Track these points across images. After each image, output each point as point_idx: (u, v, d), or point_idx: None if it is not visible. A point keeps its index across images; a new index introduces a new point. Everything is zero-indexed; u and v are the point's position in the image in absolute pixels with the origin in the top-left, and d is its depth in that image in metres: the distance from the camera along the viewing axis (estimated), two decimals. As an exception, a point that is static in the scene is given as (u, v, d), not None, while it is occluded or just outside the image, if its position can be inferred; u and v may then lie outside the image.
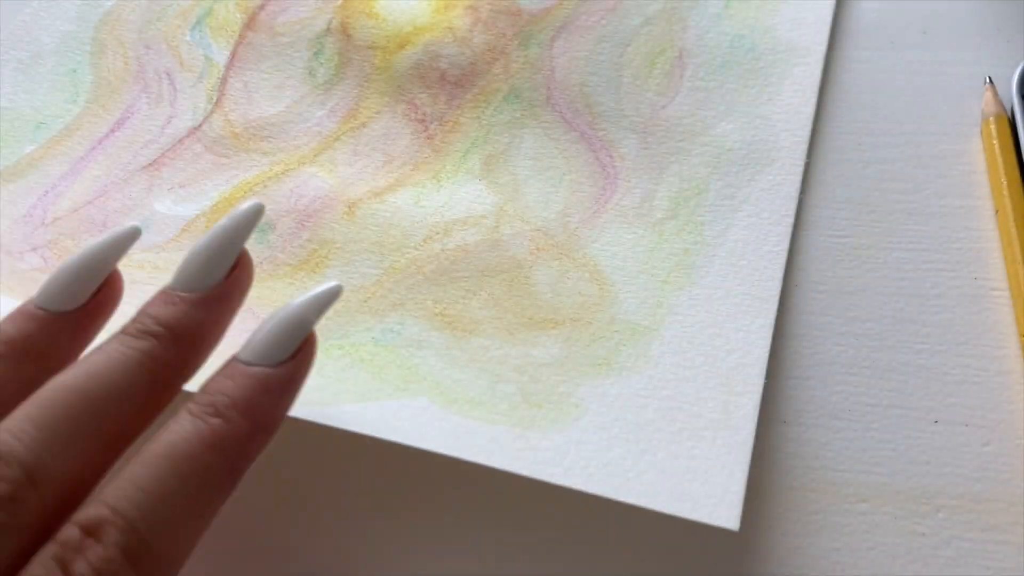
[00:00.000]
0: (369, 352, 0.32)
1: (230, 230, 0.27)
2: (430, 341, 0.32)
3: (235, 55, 0.42)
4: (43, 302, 0.27)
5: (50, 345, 0.26)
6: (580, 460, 0.29)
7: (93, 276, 0.27)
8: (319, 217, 0.36)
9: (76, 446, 0.24)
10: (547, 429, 0.29)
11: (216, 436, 0.24)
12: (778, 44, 0.41)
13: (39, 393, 0.24)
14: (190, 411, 0.25)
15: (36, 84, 0.41)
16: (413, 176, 0.38)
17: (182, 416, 0.24)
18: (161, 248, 0.35)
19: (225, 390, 0.25)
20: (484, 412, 0.30)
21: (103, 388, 0.24)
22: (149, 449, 0.24)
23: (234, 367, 0.26)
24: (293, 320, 0.26)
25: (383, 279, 0.34)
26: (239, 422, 0.24)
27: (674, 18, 0.42)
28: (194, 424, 0.24)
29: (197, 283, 0.27)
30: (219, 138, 0.39)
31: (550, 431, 0.29)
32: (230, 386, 0.25)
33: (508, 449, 0.29)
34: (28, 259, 0.35)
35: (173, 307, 0.26)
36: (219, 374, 0.26)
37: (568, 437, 0.29)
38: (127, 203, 0.37)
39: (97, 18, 0.43)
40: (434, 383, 0.31)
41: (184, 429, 0.24)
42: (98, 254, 0.27)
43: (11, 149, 0.39)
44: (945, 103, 0.38)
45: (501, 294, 0.34)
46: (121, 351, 0.25)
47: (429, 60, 0.41)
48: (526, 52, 0.41)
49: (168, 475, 0.23)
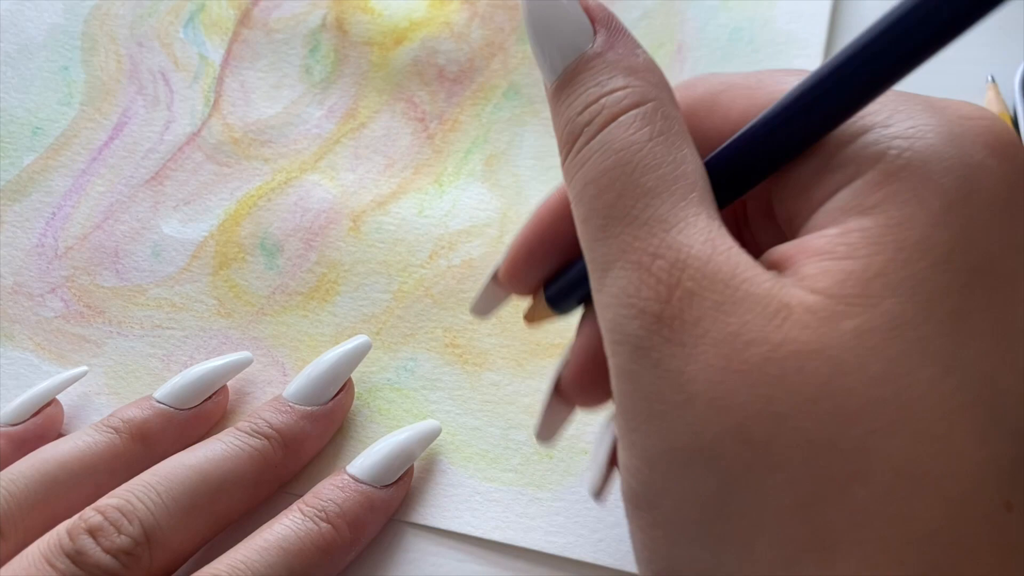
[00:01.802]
0: (387, 400, 0.33)
1: (342, 361, 0.32)
2: (443, 380, 0.33)
3: (230, 53, 0.41)
4: (163, 398, 0.31)
5: (160, 434, 0.31)
6: (588, 525, 0.30)
7: (208, 387, 0.32)
8: (325, 235, 0.36)
9: (189, 519, 0.27)
10: (558, 487, 0.31)
11: (325, 540, 0.28)
12: (777, 36, 0.40)
13: (161, 467, 0.28)
14: (302, 511, 0.28)
15: (27, 82, 0.40)
16: (415, 181, 0.38)
17: (295, 513, 0.28)
18: (175, 280, 0.36)
19: (336, 499, 0.29)
20: (498, 470, 0.32)
21: (219, 472, 0.29)
22: (263, 537, 0.27)
23: (345, 480, 0.29)
24: (403, 452, 0.30)
25: (392, 305, 0.35)
26: (345, 531, 0.28)
27: (672, 11, 0.41)
28: (306, 524, 0.28)
29: (309, 400, 0.31)
30: (219, 144, 0.39)
31: (561, 491, 0.31)
32: (341, 497, 0.29)
33: (522, 517, 0.30)
34: (50, 303, 0.36)
35: (285, 415, 0.30)
36: (330, 483, 0.29)
37: (579, 494, 0.31)
38: (135, 225, 0.37)
39: (86, 11, 0.42)
40: (450, 436, 0.32)
41: (297, 526, 0.28)
42: (217, 371, 0.32)
43: (10, 159, 0.38)
44: (946, 103, 0.38)
45: (508, 317, 0.34)
46: (236, 444, 0.29)
47: (427, 56, 0.40)
48: (525, 47, 0.41)
49: (280, 565, 0.27)
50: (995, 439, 0.17)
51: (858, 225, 0.19)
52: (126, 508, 0.27)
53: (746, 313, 0.18)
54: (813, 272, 0.18)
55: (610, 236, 0.20)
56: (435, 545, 0.30)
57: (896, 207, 0.18)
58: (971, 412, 0.17)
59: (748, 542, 0.18)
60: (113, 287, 0.36)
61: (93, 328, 0.35)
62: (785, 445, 0.17)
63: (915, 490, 0.17)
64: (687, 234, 0.19)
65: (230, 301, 0.35)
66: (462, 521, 0.31)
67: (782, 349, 0.18)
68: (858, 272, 0.18)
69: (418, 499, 0.31)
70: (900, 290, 0.18)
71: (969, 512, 0.17)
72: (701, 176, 0.20)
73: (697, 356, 0.18)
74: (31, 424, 0.31)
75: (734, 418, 0.18)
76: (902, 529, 0.17)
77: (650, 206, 0.19)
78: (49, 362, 0.34)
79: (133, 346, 0.34)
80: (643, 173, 0.20)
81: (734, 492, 0.18)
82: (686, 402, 0.18)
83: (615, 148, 0.20)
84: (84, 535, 0.26)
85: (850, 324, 0.18)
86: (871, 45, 0.19)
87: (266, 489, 0.30)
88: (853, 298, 0.18)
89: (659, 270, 0.19)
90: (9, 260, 0.36)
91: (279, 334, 0.35)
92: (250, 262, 0.36)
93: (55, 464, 0.29)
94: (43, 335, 0.35)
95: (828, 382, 0.17)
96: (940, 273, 0.18)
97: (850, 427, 0.17)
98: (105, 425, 0.30)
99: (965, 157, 0.19)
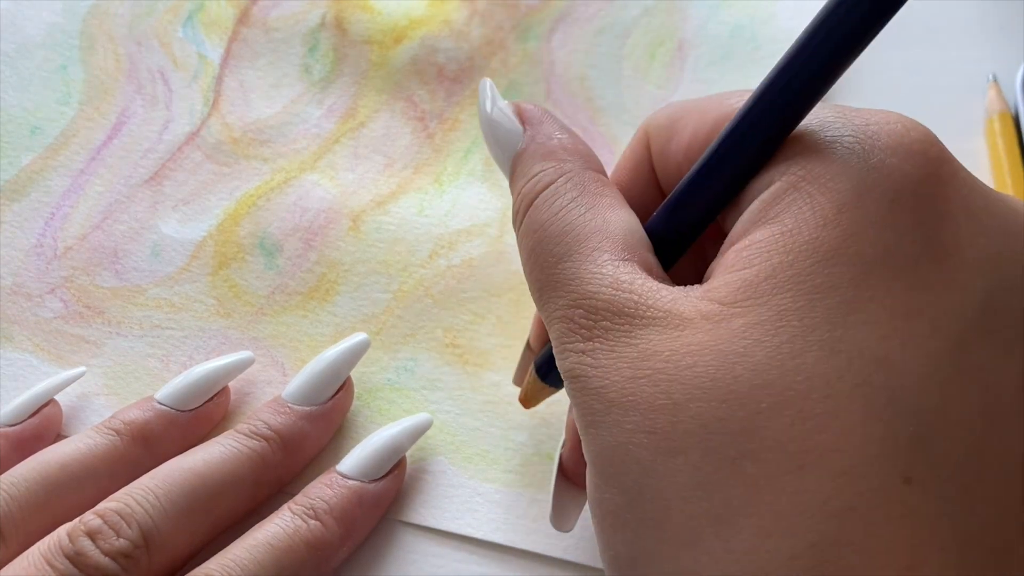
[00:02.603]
0: (387, 400, 0.33)
1: (340, 360, 0.32)
2: (443, 380, 0.33)
3: (229, 52, 0.41)
4: (164, 399, 0.31)
5: (161, 436, 0.31)
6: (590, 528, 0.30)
7: (209, 388, 0.32)
8: (325, 234, 0.36)
9: (188, 521, 0.28)
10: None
11: (313, 536, 0.28)
12: (779, 33, 0.40)
13: (160, 470, 0.29)
14: (292, 510, 0.28)
15: (26, 81, 0.40)
16: (415, 180, 0.37)
17: (284, 512, 0.28)
18: (174, 280, 0.36)
19: (324, 496, 0.29)
20: (499, 471, 0.32)
21: (217, 475, 0.29)
22: (254, 537, 0.28)
23: (334, 477, 0.29)
24: (391, 446, 0.30)
25: (392, 305, 0.35)
26: (334, 528, 0.28)
27: (673, 8, 0.41)
28: (295, 522, 0.28)
29: (307, 400, 0.31)
30: (218, 144, 0.39)
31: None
32: (329, 494, 0.29)
33: (523, 519, 0.30)
34: (48, 303, 0.35)
35: (284, 416, 0.31)
36: (319, 481, 0.29)
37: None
38: (134, 225, 0.37)
39: (85, 10, 0.42)
40: (450, 436, 0.32)
41: (286, 524, 0.28)
42: (218, 372, 0.32)
43: (9, 158, 0.38)
44: (949, 101, 0.38)
45: (509, 317, 0.34)
46: (235, 447, 0.29)
47: (426, 55, 0.40)
48: (524, 45, 0.41)
49: (269, 563, 0.27)
50: (890, 416, 0.19)
51: (758, 236, 0.21)
52: (125, 511, 0.27)
53: (650, 333, 0.21)
54: (716, 285, 0.21)
55: (544, 299, 0.23)
56: (435, 546, 0.30)
57: (791, 215, 0.20)
58: (861, 391, 0.19)
59: (660, 522, 0.20)
60: (112, 287, 0.35)
61: (92, 328, 0.35)
62: (683, 431, 0.19)
63: (802, 464, 0.18)
64: (595, 284, 0.22)
65: (229, 301, 0.35)
66: (462, 522, 0.31)
67: (679, 352, 0.20)
68: (750, 278, 0.20)
69: (418, 500, 0.31)
70: (786, 287, 0.20)
71: (861, 485, 0.18)
72: (612, 223, 0.23)
73: (611, 373, 0.21)
74: (30, 424, 0.31)
75: (641, 413, 0.20)
76: (793, 501, 0.18)
77: (565, 269, 0.23)
78: (48, 363, 0.34)
79: (132, 346, 0.34)
80: (555, 243, 0.23)
81: (646, 478, 0.20)
82: (606, 410, 0.21)
83: (533, 228, 0.24)
84: (83, 537, 0.26)
85: (739, 322, 0.20)
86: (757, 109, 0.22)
87: (266, 490, 0.30)
88: (743, 301, 0.20)
89: (579, 318, 0.22)
90: (8, 260, 0.36)
91: (279, 334, 0.34)
92: (249, 262, 0.36)
93: (56, 466, 0.29)
94: (42, 336, 0.35)
95: (717, 372, 0.19)
96: (828, 267, 0.20)
97: (738, 409, 0.19)
98: (106, 427, 0.30)
99: (864, 160, 0.20)
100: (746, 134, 0.22)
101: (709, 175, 0.23)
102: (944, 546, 0.18)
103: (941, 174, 0.21)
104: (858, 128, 0.21)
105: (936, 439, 0.19)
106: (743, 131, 0.22)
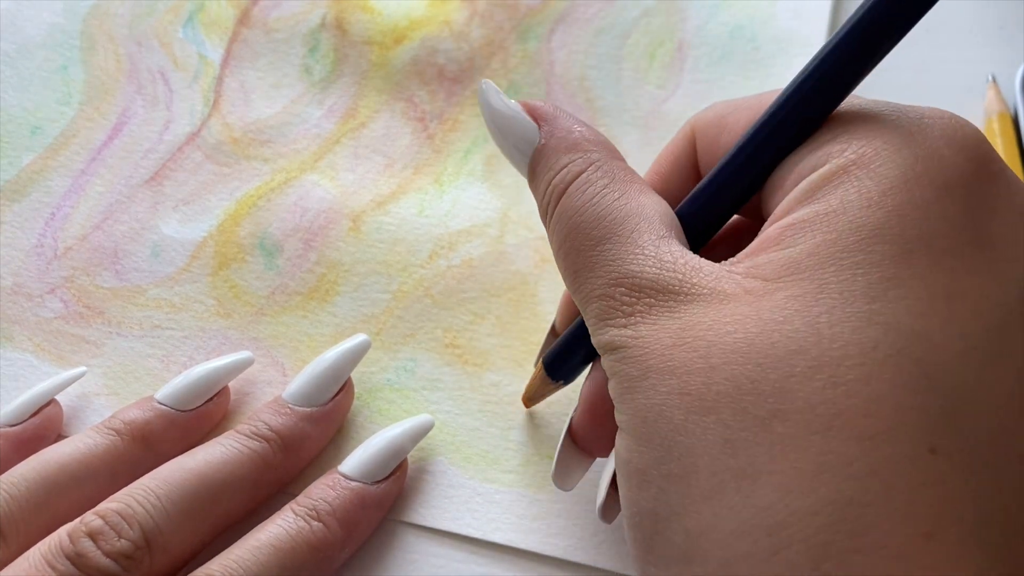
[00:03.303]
0: (387, 400, 0.33)
1: (341, 361, 0.32)
2: (443, 380, 0.33)
3: (229, 52, 0.41)
4: (164, 399, 0.31)
5: (161, 436, 0.31)
6: (589, 527, 0.30)
7: (209, 388, 0.32)
8: (325, 235, 0.36)
9: (189, 522, 0.28)
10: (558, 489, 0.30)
11: (316, 538, 0.28)
12: (779, 33, 0.40)
13: (161, 470, 0.28)
14: (294, 511, 0.28)
15: (26, 81, 0.40)
16: (415, 181, 0.37)
17: (287, 513, 0.28)
18: (174, 280, 0.36)
19: (327, 498, 0.29)
20: (498, 471, 0.32)
21: (218, 475, 0.29)
22: (256, 538, 0.28)
23: (336, 478, 0.29)
24: (393, 447, 0.30)
25: (392, 305, 0.35)
26: (336, 530, 0.28)
27: (673, 9, 0.41)
28: (298, 523, 0.28)
29: (308, 401, 0.31)
30: (218, 144, 0.39)
31: (562, 492, 0.30)
32: (332, 495, 0.29)
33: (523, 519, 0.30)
34: (49, 303, 0.35)
35: (284, 417, 0.31)
36: (322, 482, 0.29)
37: (579, 496, 0.31)
38: (134, 226, 0.37)
39: (85, 11, 0.42)
40: (449, 436, 0.32)
41: (289, 525, 0.28)
42: (218, 372, 0.32)
43: (9, 158, 0.38)
44: (948, 101, 0.37)
45: (508, 317, 0.34)
46: (235, 447, 0.29)
47: (426, 55, 0.40)
48: (524, 46, 0.41)
49: (272, 564, 0.27)
50: (923, 389, 0.19)
51: (803, 214, 0.21)
52: (126, 512, 0.27)
53: (693, 308, 0.21)
54: (760, 262, 0.21)
55: (580, 281, 0.24)
56: (435, 546, 0.30)
57: (836, 197, 0.21)
58: (895, 361, 0.19)
59: (686, 477, 0.20)
60: (112, 287, 0.35)
61: (92, 329, 0.35)
62: (716, 392, 0.20)
63: (830, 426, 0.19)
64: (638, 263, 0.23)
65: (229, 301, 0.35)
66: (462, 522, 0.31)
67: (721, 321, 0.21)
68: (794, 256, 0.21)
69: (418, 500, 0.31)
70: (829, 262, 0.20)
71: (886, 450, 0.19)
72: (647, 206, 0.24)
73: (653, 343, 0.21)
74: (30, 424, 0.31)
75: (677, 376, 0.21)
76: (817, 460, 0.19)
77: (605, 251, 0.23)
78: (48, 363, 0.34)
79: (132, 346, 0.34)
80: (592, 228, 0.24)
81: (677, 436, 0.20)
82: (643, 375, 0.21)
83: (567, 216, 0.25)
84: (84, 538, 0.26)
85: (781, 295, 0.20)
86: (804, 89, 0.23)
87: (266, 491, 0.30)
88: (786, 276, 0.21)
89: (621, 295, 0.23)
90: (8, 261, 0.36)
91: (279, 334, 0.34)
92: (249, 262, 0.36)
93: (56, 466, 0.29)
94: (42, 336, 0.35)
95: (756, 338, 0.20)
96: (870, 245, 0.20)
97: (771, 372, 0.20)
98: (106, 427, 0.30)
99: (916, 149, 0.21)
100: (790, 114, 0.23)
101: (751, 156, 0.24)
102: (964, 518, 0.18)
103: (991, 170, 0.21)
104: (912, 119, 0.22)
105: (966, 415, 0.19)
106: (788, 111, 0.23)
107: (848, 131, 0.22)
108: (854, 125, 0.22)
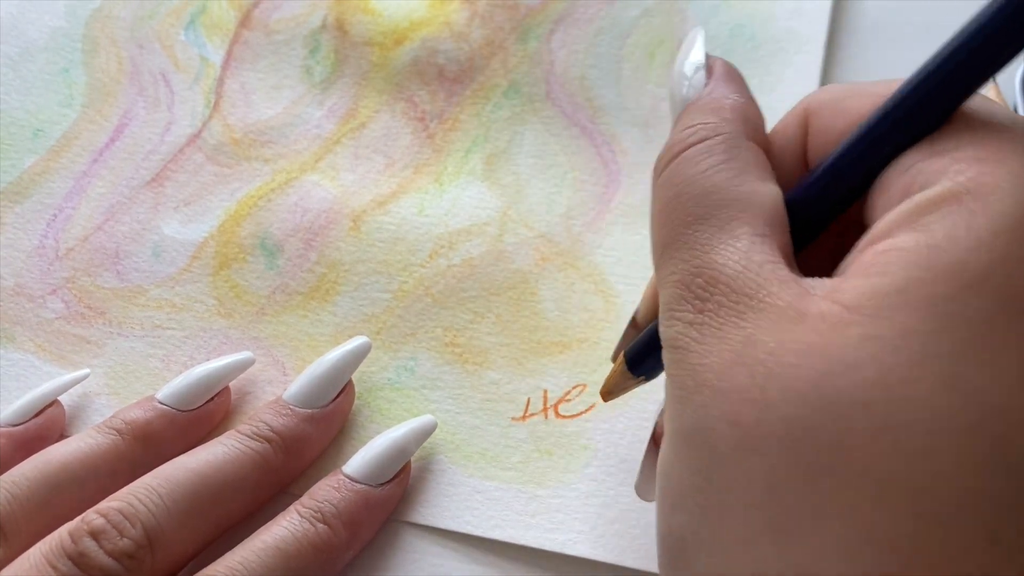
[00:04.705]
0: (387, 400, 0.33)
1: (342, 363, 0.31)
2: (443, 379, 0.33)
3: (231, 54, 0.41)
4: (165, 399, 0.31)
5: (162, 436, 0.31)
6: (588, 522, 0.30)
7: (210, 388, 0.32)
8: (325, 235, 0.36)
9: (191, 521, 0.28)
10: (557, 484, 0.31)
11: (321, 540, 0.28)
12: (778, 33, 0.40)
13: (163, 469, 0.28)
14: (299, 512, 0.28)
15: (28, 84, 0.41)
16: (415, 180, 0.38)
17: (291, 514, 0.28)
18: (175, 281, 0.36)
19: (332, 500, 0.29)
20: (498, 468, 0.32)
21: (220, 476, 0.29)
22: (261, 539, 0.27)
23: (340, 480, 0.29)
24: (397, 449, 0.30)
25: (392, 305, 0.35)
26: (341, 532, 0.28)
27: (673, 8, 0.41)
28: (303, 526, 0.28)
29: (308, 403, 0.31)
30: (219, 145, 0.39)
31: (561, 488, 0.31)
32: (336, 497, 0.29)
33: (522, 515, 0.30)
34: (50, 304, 0.36)
35: (286, 418, 0.30)
36: (326, 483, 0.29)
37: (578, 491, 0.31)
38: (135, 227, 0.37)
39: (87, 14, 0.42)
40: (449, 435, 0.32)
41: (294, 527, 0.28)
42: (219, 372, 0.32)
43: (11, 160, 0.39)
44: (947, 99, 0.38)
45: (509, 316, 0.34)
46: (237, 448, 0.29)
47: (427, 56, 0.40)
48: (524, 46, 0.41)
49: (277, 566, 0.27)
50: (995, 471, 0.17)
51: (901, 242, 0.19)
52: (128, 511, 0.27)
53: (761, 320, 0.20)
54: (845, 287, 0.19)
55: (665, 258, 0.22)
56: (435, 545, 0.30)
57: (942, 229, 0.19)
58: (969, 437, 0.17)
59: (721, 515, 0.19)
60: (114, 288, 0.36)
61: (94, 329, 0.35)
62: (768, 431, 0.18)
63: (884, 496, 0.17)
64: (724, 255, 0.21)
65: (230, 301, 0.35)
66: (462, 520, 0.31)
67: (784, 347, 0.19)
68: (882, 288, 0.19)
69: (418, 499, 0.31)
70: (918, 307, 0.18)
71: (942, 534, 0.17)
72: (758, 195, 0.22)
73: (713, 353, 0.20)
74: (32, 424, 0.31)
75: (730, 402, 0.19)
76: (861, 530, 0.17)
77: (698, 231, 0.22)
78: (50, 363, 0.34)
79: (133, 346, 0.34)
80: (694, 203, 0.22)
81: (719, 468, 0.19)
82: (696, 388, 0.20)
83: (675, 182, 0.23)
84: (86, 537, 0.26)
85: (857, 331, 0.18)
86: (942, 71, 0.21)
87: (267, 492, 0.30)
88: (868, 309, 0.18)
89: (697, 287, 0.21)
90: (10, 261, 0.36)
91: (279, 334, 0.35)
92: (250, 262, 0.36)
93: (57, 466, 0.29)
94: (44, 336, 0.35)
95: (821, 379, 0.18)
96: (968, 296, 0.18)
97: (830, 423, 0.18)
98: (107, 426, 0.30)
99: None
100: (924, 103, 0.21)
101: (874, 143, 0.22)
102: None
103: None
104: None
105: None
106: (922, 99, 0.21)
107: (970, 142, 0.20)
108: (978, 135, 0.20)
